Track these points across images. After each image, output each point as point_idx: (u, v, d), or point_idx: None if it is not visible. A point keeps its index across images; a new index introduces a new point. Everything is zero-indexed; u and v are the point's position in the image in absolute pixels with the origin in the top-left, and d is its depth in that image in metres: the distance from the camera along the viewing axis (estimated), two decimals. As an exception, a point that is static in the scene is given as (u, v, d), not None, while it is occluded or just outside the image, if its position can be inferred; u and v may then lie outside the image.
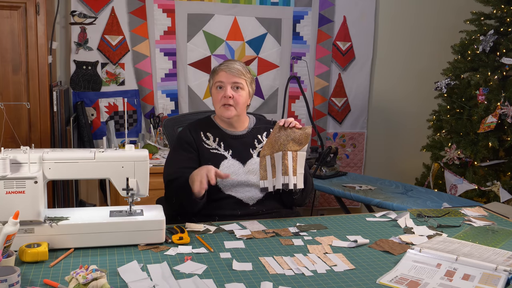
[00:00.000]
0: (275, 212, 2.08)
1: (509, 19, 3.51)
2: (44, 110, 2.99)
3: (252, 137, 2.17)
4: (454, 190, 3.45)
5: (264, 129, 2.21)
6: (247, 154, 2.12)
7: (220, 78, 2.08)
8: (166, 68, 3.75)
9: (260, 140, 2.17)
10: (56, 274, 1.41)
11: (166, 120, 2.42)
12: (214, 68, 2.16)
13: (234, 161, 2.09)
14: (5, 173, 1.52)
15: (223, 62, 2.16)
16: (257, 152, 2.13)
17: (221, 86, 2.08)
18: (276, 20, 3.91)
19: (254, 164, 2.09)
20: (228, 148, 2.11)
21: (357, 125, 4.27)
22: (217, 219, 1.98)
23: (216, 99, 2.10)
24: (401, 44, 4.28)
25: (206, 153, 2.09)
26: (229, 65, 2.09)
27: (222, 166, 2.06)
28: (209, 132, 2.14)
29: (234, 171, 2.06)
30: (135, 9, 3.60)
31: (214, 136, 2.13)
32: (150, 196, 1.82)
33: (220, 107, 2.09)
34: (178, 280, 1.39)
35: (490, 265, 1.46)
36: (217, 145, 2.11)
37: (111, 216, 1.68)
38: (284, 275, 1.45)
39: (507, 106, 3.33)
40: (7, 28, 2.89)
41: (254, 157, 2.12)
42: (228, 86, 2.06)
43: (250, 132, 2.18)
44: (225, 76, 2.07)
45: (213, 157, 2.08)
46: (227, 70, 2.07)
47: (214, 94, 2.12)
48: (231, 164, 2.07)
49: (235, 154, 2.10)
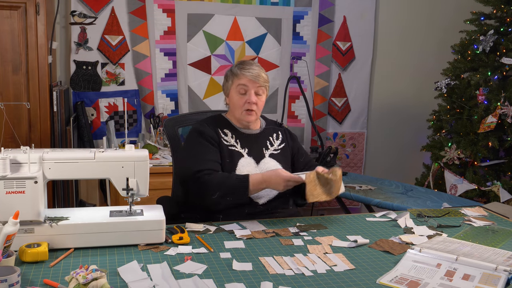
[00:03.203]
0: (279, 213, 2.08)
1: (509, 19, 3.51)
2: (44, 110, 2.99)
3: (264, 137, 2.20)
4: (454, 190, 3.45)
5: (273, 130, 2.25)
6: (261, 154, 2.14)
7: (245, 83, 2.08)
8: (166, 68, 3.75)
9: (272, 142, 2.20)
10: (56, 274, 1.41)
11: (167, 120, 2.42)
12: (234, 69, 2.13)
13: (250, 159, 2.11)
14: (5, 173, 1.51)
15: (243, 64, 2.12)
16: (269, 152, 2.16)
17: (245, 91, 2.09)
18: (276, 20, 3.91)
19: (266, 164, 2.12)
20: (244, 147, 2.13)
21: (357, 125, 4.27)
22: (221, 218, 1.98)
23: (239, 103, 2.10)
24: (401, 44, 4.28)
25: (225, 149, 2.09)
26: (253, 71, 2.08)
27: (240, 164, 2.07)
28: (226, 129, 2.15)
29: (249, 170, 2.07)
30: (135, 9, 3.60)
31: (231, 133, 2.14)
32: (150, 196, 1.83)
33: (243, 112, 2.10)
34: (178, 280, 1.39)
35: (490, 265, 1.46)
36: (234, 142, 2.13)
37: (111, 216, 1.68)
38: (284, 275, 1.45)
39: (507, 106, 3.33)
40: (7, 28, 2.89)
41: (266, 157, 2.14)
42: (252, 91, 2.08)
43: (262, 132, 2.21)
44: (250, 82, 2.08)
45: (231, 154, 2.09)
46: (252, 77, 2.07)
47: (235, 97, 2.11)
48: (247, 163, 2.09)
49: (251, 152, 2.12)
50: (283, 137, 2.25)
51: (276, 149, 2.19)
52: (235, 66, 2.15)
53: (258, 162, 2.12)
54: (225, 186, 1.95)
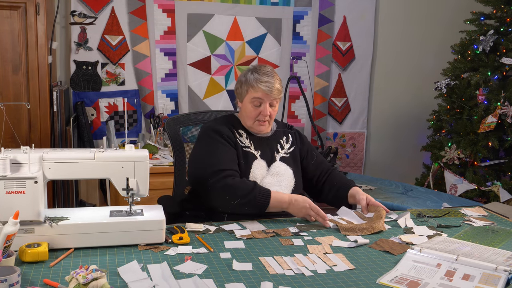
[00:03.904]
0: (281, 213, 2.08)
1: (509, 19, 3.51)
2: (44, 110, 2.99)
3: (275, 140, 2.18)
4: (454, 190, 3.45)
5: (283, 133, 2.23)
6: (272, 157, 2.14)
7: (260, 96, 2.05)
8: (166, 68, 3.75)
9: (282, 145, 2.19)
10: (56, 274, 1.41)
11: (168, 120, 2.41)
12: (250, 79, 2.06)
13: (263, 162, 2.10)
14: (5, 173, 1.51)
15: (260, 74, 2.06)
16: (279, 156, 2.15)
17: (260, 103, 2.06)
18: (276, 20, 3.91)
19: (277, 167, 2.11)
20: (258, 149, 2.12)
21: (357, 125, 4.27)
22: (226, 217, 1.98)
23: (252, 115, 2.07)
24: (401, 44, 4.28)
25: (240, 150, 2.08)
26: (270, 85, 2.04)
27: (254, 167, 2.06)
28: (240, 130, 2.13)
29: (261, 173, 2.07)
30: (135, 9, 3.60)
31: (246, 134, 2.13)
32: (150, 196, 1.82)
33: (255, 122, 2.09)
34: (178, 280, 1.39)
35: (490, 265, 1.46)
36: (249, 143, 2.12)
37: (111, 216, 1.68)
38: (284, 275, 1.45)
39: (507, 106, 3.33)
40: (7, 28, 2.89)
41: (277, 161, 2.14)
42: (267, 104, 2.06)
43: (273, 135, 2.19)
44: (265, 95, 2.05)
45: (245, 155, 2.07)
46: (269, 92, 2.04)
47: (248, 107, 2.07)
48: (260, 165, 2.08)
49: (263, 155, 2.12)
50: (293, 140, 2.23)
51: (286, 153, 2.18)
52: (251, 73, 2.07)
53: (269, 165, 2.11)
54: (249, 196, 1.92)
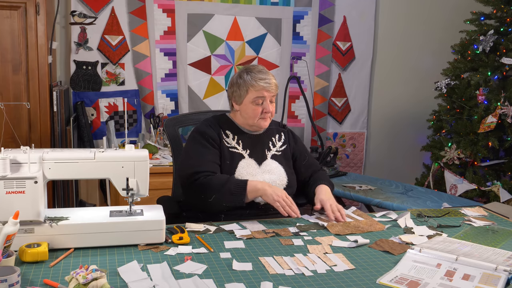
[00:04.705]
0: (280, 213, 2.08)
1: (509, 19, 3.51)
2: (44, 110, 2.99)
3: (267, 138, 2.20)
4: (454, 190, 3.45)
5: (276, 131, 2.25)
6: (263, 155, 2.15)
7: (262, 93, 2.07)
8: (166, 68, 3.75)
9: (274, 143, 2.21)
10: (56, 274, 1.41)
11: (167, 120, 2.42)
12: (248, 79, 2.08)
13: (251, 160, 2.11)
14: (5, 173, 1.51)
15: (257, 73, 2.09)
16: (271, 154, 2.17)
17: (262, 101, 2.09)
18: (276, 20, 3.91)
19: (268, 165, 2.13)
20: (246, 148, 2.13)
21: (357, 125, 4.27)
22: (223, 217, 1.98)
23: (255, 113, 2.09)
24: (401, 44, 4.28)
25: (225, 151, 2.10)
26: (269, 81, 2.08)
27: (240, 166, 2.07)
28: (228, 130, 2.15)
29: (250, 171, 2.07)
30: (135, 9, 3.60)
31: (233, 134, 2.15)
32: (150, 196, 1.82)
33: (259, 119, 2.11)
34: (178, 280, 1.39)
35: (490, 265, 1.46)
36: (236, 144, 2.13)
37: (111, 216, 1.68)
38: (284, 275, 1.45)
39: (507, 106, 3.33)
40: (7, 28, 2.89)
41: (268, 159, 2.15)
42: (268, 100, 2.10)
43: (265, 133, 2.21)
44: (266, 92, 2.08)
45: (231, 156, 2.09)
46: (269, 88, 2.08)
47: (251, 107, 2.09)
48: (248, 164, 2.09)
49: (252, 154, 2.13)
50: (285, 138, 2.25)
51: (278, 151, 2.19)
52: (246, 74, 2.09)
53: (260, 163, 2.12)
54: (223, 189, 1.95)
